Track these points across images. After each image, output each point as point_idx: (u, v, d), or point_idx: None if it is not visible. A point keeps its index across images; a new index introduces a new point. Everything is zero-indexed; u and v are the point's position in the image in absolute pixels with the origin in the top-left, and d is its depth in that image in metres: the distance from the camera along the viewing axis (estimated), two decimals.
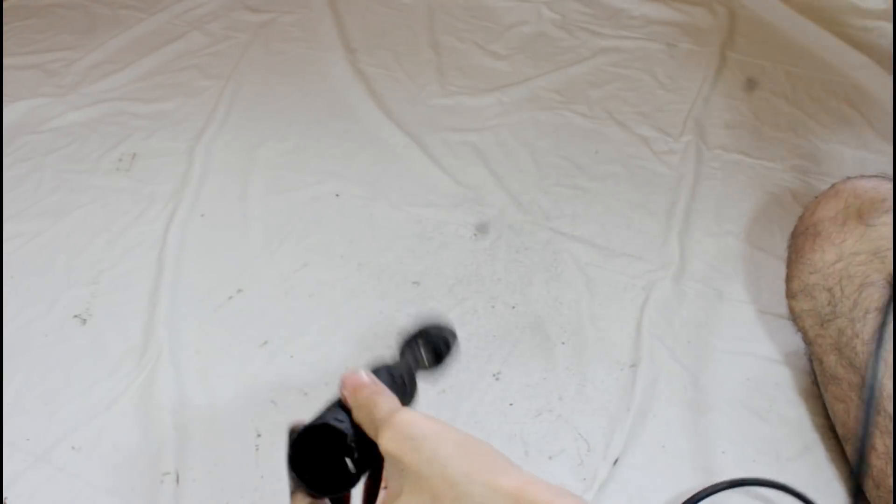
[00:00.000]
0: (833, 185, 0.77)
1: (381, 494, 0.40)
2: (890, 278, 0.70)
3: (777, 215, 1.01)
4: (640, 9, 1.42)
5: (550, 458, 0.77)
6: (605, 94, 1.24)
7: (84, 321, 0.92)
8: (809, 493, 0.71)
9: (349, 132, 1.19)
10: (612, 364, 0.85)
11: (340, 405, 0.46)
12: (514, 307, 0.92)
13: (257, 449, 0.79)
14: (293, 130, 1.19)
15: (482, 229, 1.02)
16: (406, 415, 0.39)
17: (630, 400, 0.81)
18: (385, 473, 0.39)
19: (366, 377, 0.45)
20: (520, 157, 1.13)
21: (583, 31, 1.38)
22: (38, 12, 1.51)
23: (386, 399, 0.42)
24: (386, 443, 0.38)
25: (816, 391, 0.79)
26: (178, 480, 0.76)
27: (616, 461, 0.76)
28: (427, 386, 0.69)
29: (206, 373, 0.86)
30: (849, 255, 0.72)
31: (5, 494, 0.76)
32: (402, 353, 0.57)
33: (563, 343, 0.87)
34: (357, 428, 0.44)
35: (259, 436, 0.80)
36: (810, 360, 0.79)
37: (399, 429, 0.38)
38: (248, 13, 1.49)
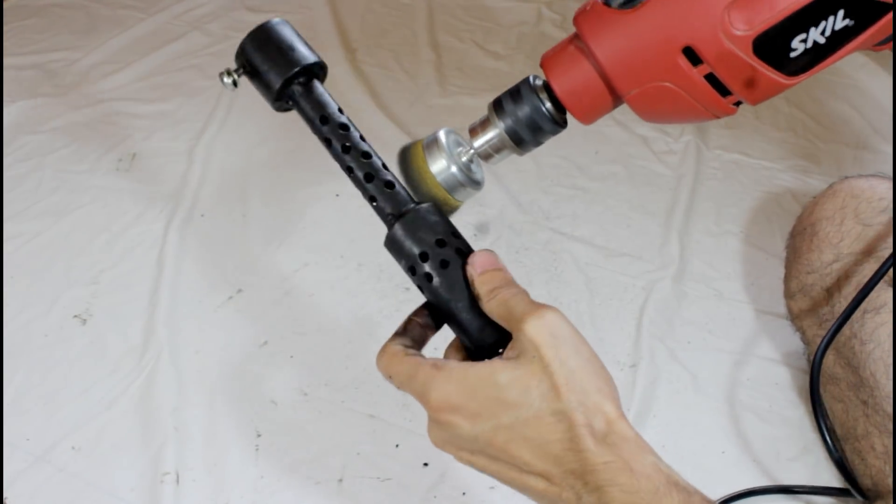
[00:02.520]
0: (831, 185, 0.77)
1: (498, 357, 0.44)
2: (887, 279, 0.70)
3: (777, 215, 1.01)
4: None
5: None
6: None
7: (84, 321, 0.92)
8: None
9: None
10: (612, 364, 0.85)
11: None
12: None
13: (257, 449, 0.79)
14: (293, 130, 1.19)
15: (482, 229, 1.02)
16: (557, 314, 0.43)
17: (630, 400, 0.81)
18: (513, 345, 0.43)
19: (500, 262, 0.48)
20: (520, 157, 1.13)
21: None
22: (38, 12, 1.51)
23: (522, 290, 0.46)
24: (532, 328, 0.42)
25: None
26: (178, 480, 0.76)
27: None
28: None
29: (206, 373, 0.86)
30: (846, 255, 0.72)
31: (5, 494, 0.76)
32: None
33: None
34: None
35: (259, 436, 0.80)
36: (809, 360, 0.79)
37: (548, 321, 0.43)
38: (248, 13, 1.49)
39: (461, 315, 0.46)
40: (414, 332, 0.49)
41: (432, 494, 0.74)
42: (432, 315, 0.49)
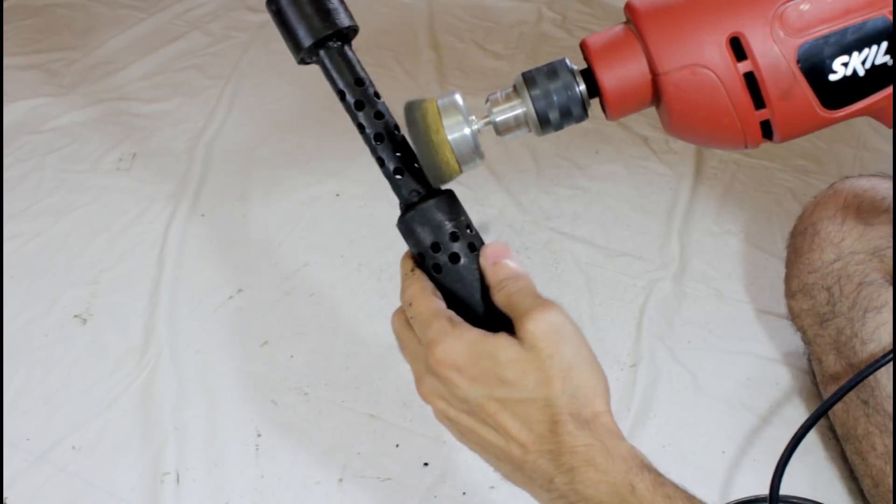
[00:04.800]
0: (832, 185, 0.77)
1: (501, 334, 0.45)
2: (889, 277, 0.70)
3: (777, 215, 1.01)
4: None
5: None
6: None
7: (84, 321, 0.92)
8: (809, 494, 0.71)
9: (349, 132, 1.18)
10: (612, 364, 0.85)
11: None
12: None
13: (257, 449, 0.79)
14: (293, 130, 1.19)
15: (482, 229, 1.00)
16: (559, 311, 0.45)
17: (630, 400, 0.81)
18: (518, 334, 0.44)
19: (511, 253, 0.50)
20: (520, 157, 1.13)
21: (583, 31, 1.38)
22: (38, 12, 1.51)
23: (529, 284, 0.48)
24: (533, 324, 0.44)
25: (816, 391, 0.79)
26: (178, 480, 0.76)
27: None
28: None
29: (206, 373, 0.86)
30: (847, 255, 0.72)
31: (5, 494, 0.76)
32: None
33: None
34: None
35: (259, 436, 0.80)
36: (810, 360, 0.79)
37: (551, 319, 0.44)
38: (248, 13, 1.49)
39: (470, 303, 0.47)
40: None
41: (432, 494, 0.74)
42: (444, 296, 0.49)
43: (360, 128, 0.50)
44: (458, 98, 0.47)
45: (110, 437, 0.80)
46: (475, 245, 0.48)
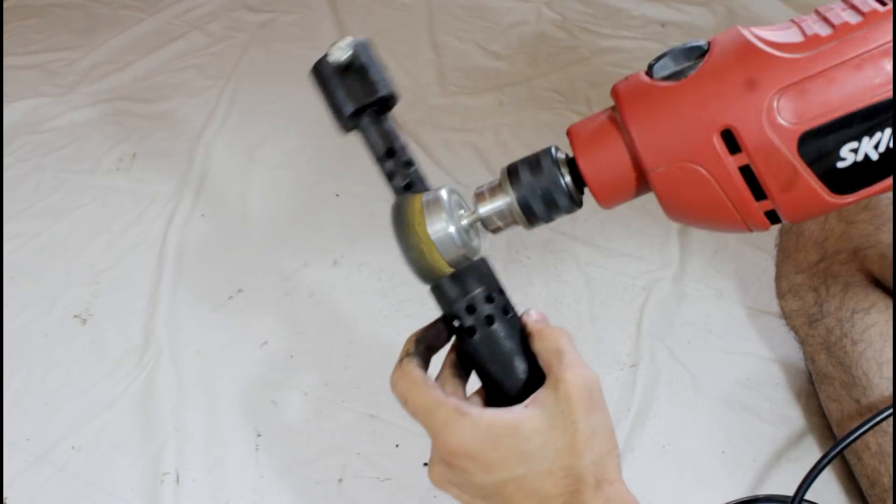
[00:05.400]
0: None
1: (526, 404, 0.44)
2: (870, 277, 0.70)
3: None
4: (640, 9, 1.42)
5: None
6: (605, 94, 1.24)
7: (84, 321, 0.92)
8: (809, 494, 0.71)
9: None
10: (612, 364, 0.85)
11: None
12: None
13: (257, 449, 0.79)
14: (293, 130, 1.19)
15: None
16: (595, 375, 0.44)
17: (630, 400, 0.81)
18: (548, 390, 0.43)
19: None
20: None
21: (583, 31, 1.38)
22: (38, 12, 1.51)
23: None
24: (573, 378, 0.42)
25: (815, 391, 0.79)
26: (178, 480, 0.76)
27: None
28: None
29: (206, 373, 0.86)
30: (831, 255, 0.72)
31: (5, 494, 0.76)
32: None
33: None
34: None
35: (259, 436, 0.80)
36: (805, 361, 0.79)
37: (589, 378, 0.43)
38: (248, 13, 1.49)
39: (503, 363, 0.46)
40: (421, 350, 0.48)
41: (432, 494, 0.74)
42: (462, 363, 0.48)
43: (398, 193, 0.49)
44: (444, 194, 0.45)
45: (110, 437, 0.80)
46: (508, 308, 0.47)
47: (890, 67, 0.37)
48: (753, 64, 0.39)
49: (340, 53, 0.48)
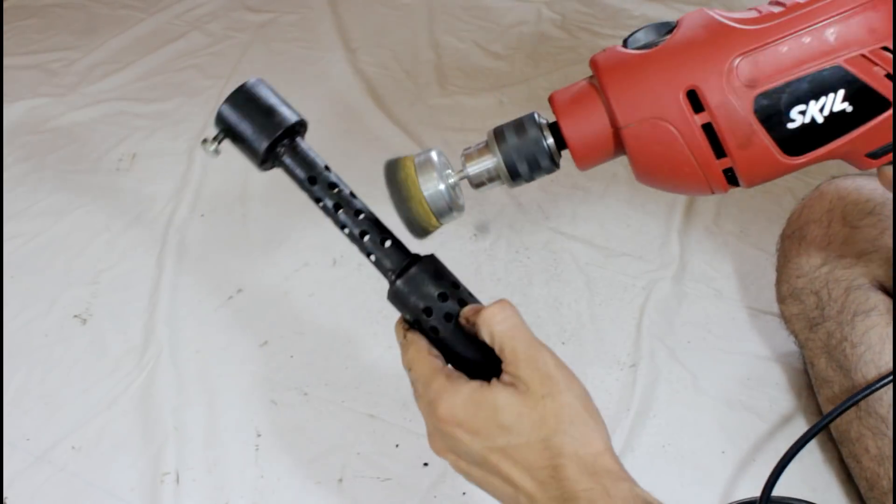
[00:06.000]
0: (817, 187, 0.76)
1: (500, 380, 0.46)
2: (875, 281, 0.70)
3: (777, 215, 1.01)
4: (640, 9, 1.42)
5: None
6: None
7: (84, 321, 0.92)
8: (808, 496, 0.71)
9: (349, 132, 1.19)
10: (612, 364, 0.85)
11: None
12: None
13: (257, 449, 0.79)
14: None
15: (482, 229, 1.02)
16: (550, 355, 0.46)
17: (630, 400, 0.81)
18: (512, 372, 0.45)
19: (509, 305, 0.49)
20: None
21: (583, 31, 1.38)
22: (38, 12, 1.51)
23: (526, 329, 0.48)
24: (529, 365, 0.44)
25: (814, 392, 0.79)
26: (178, 480, 0.76)
27: None
28: None
29: (206, 373, 0.86)
30: (835, 259, 0.72)
31: (5, 494, 0.76)
32: None
33: (563, 343, 0.87)
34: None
35: (259, 436, 0.80)
36: (804, 362, 0.79)
37: (544, 360, 0.45)
38: (248, 13, 1.49)
39: (469, 358, 0.48)
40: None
41: (432, 494, 0.74)
42: (443, 353, 0.50)
43: (332, 213, 0.53)
44: (434, 155, 0.49)
45: (110, 437, 0.80)
46: (465, 301, 0.49)
47: (832, 38, 0.43)
48: (716, 33, 0.44)
49: (208, 146, 0.53)
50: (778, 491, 0.71)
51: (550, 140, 0.49)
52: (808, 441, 0.63)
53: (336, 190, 0.53)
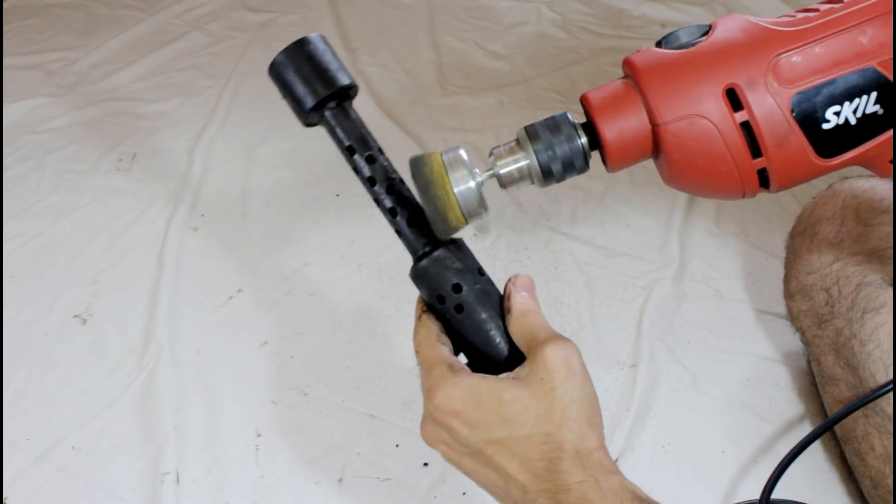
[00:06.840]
0: (830, 185, 0.77)
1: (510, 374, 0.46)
2: (887, 278, 0.70)
3: (777, 215, 1.01)
4: (640, 9, 1.42)
5: None
6: None
7: (84, 321, 0.92)
8: (809, 496, 0.71)
9: None
10: (612, 364, 0.85)
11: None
12: None
13: (257, 449, 0.79)
14: (293, 130, 1.19)
15: (482, 229, 1.02)
16: (574, 347, 0.46)
17: (630, 400, 0.81)
18: (526, 364, 0.46)
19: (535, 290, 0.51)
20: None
21: (583, 31, 1.38)
22: (38, 12, 1.51)
23: (546, 321, 0.48)
24: (551, 353, 0.45)
25: (816, 391, 0.79)
26: (178, 480, 0.76)
27: (616, 461, 0.76)
28: None
29: (206, 373, 0.86)
30: (846, 256, 0.72)
31: (5, 494, 0.76)
32: None
33: None
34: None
35: (259, 436, 0.80)
36: (808, 361, 0.79)
37: (567, 352, 0.45)
38: (248, 13, 1.49)
39: (485, 343, 0.48)
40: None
41: (432, 494, 0.74)
42: (452, 341, 0.50)
43: (369, 183, 0.52)
44: (463, 153, 0.49)
45: (110, 437, 0.80)
46: (486, 289, 0.49)
47: (866, 41, 0.44)
48: (755, 34, 0.45)
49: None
50: (778, 490, 0.71)
51: (584, 139, 0.49)
52: (808, 445, 0.63)
53: (374, 162, 0.51)
